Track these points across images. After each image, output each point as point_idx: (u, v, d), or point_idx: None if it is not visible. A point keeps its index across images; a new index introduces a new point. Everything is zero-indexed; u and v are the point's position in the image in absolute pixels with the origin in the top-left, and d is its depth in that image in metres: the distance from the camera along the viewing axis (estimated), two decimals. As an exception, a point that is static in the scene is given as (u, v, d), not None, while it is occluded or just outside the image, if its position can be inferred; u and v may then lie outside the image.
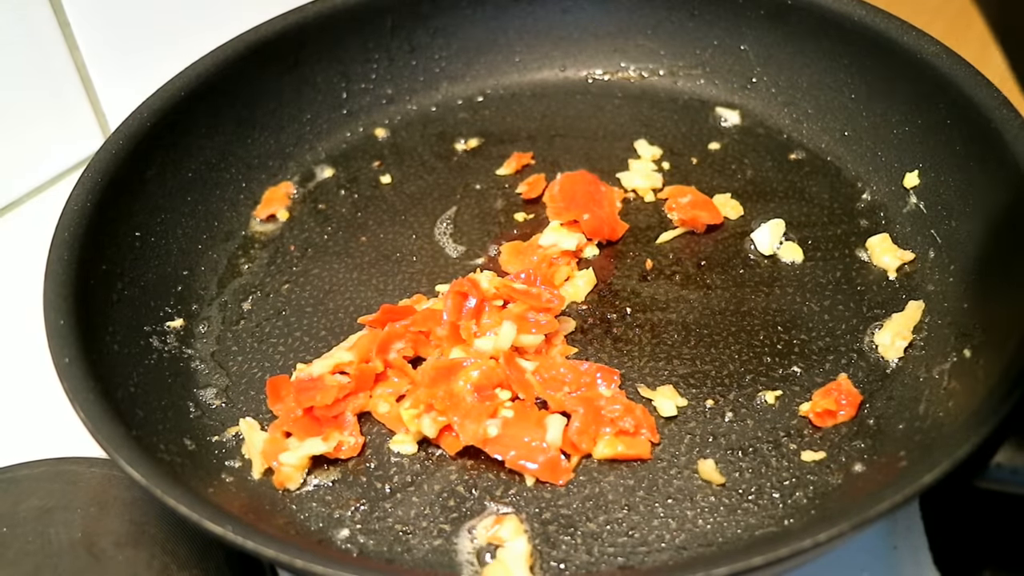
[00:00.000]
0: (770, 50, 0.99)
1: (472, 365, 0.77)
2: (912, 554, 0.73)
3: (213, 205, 0.93)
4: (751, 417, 0.76)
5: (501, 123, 1.02)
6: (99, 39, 1.03)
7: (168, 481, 0.64)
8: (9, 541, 0.72)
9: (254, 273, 0.90)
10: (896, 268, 0.85)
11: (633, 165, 0.96)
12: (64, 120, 1.04)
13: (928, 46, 0.87)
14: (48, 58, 1.00)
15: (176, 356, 0.82)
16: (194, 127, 0.92)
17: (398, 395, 0.78)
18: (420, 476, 0.75)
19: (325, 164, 0.99)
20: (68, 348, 0.71)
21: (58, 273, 0.75)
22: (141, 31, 1.05)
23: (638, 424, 0.75)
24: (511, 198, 0.95)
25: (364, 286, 0.88)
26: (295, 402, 0.76)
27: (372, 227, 0.93)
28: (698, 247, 0.89)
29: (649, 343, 0.82)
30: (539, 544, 0.70)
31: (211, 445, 0.77)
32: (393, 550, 0.70)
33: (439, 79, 1.05)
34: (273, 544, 0.60)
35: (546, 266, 0.86)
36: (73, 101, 1.04)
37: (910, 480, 0.60)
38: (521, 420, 0.75)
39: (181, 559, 0.72)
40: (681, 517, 0.71)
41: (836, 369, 0.79)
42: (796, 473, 0.73)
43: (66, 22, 1.00)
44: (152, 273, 0.85)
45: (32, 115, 1.02)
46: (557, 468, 0.73)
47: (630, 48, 1.06)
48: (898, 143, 0.90)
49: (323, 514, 0.73)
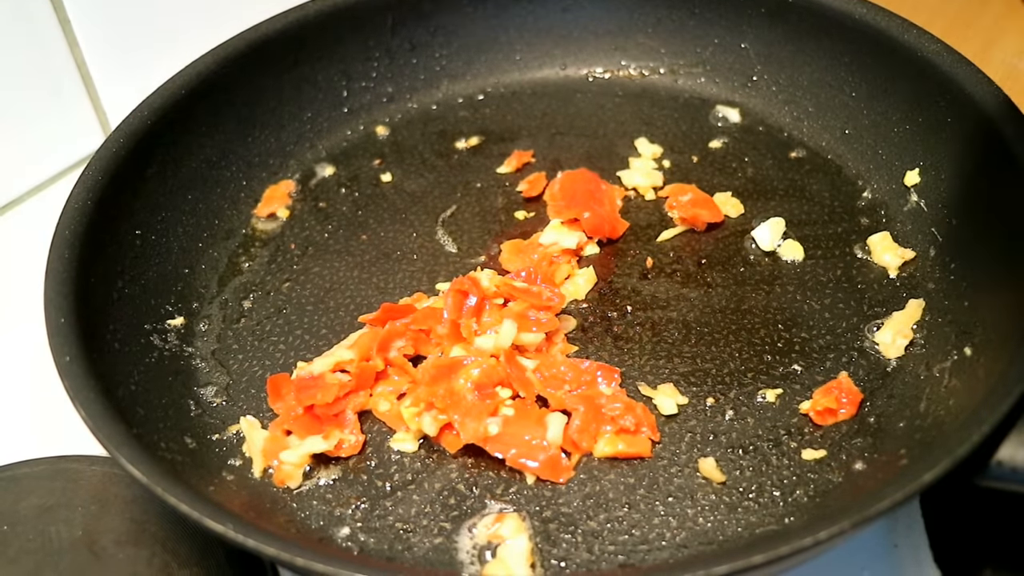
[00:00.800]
0: (771, 48, 0.99)
1: (473, 363, 0.77)
2: (913, 552, 0.73)
3: (214, 203, 0.93)
4: (752, 415, 0.76)
5: (502, 121, 1.02)
6: (100, 37, 1.03)
7: (169, 479, 0.64)
8: (10, 539, 0.72)
9: (255, 271, 0.90)
10: (897, 266, 0.85)
11: (634, 163, 0.96)
12: (64, 118, 1.04)
13: (929, 44, 0.87)
14: (48, 56, 1.00)
15: (177, 354, 0.82)
16: (195, 125, 0.92)
17: (399, 393, 0.78)
18: (421, 474, 0.75)
19: (326, 162, 0.99)
20: (69, 346, 0.71)
21: (59, 271, 0.75)
22: (142, 29, 1.05)
23: (639, 422, 0.75)
24: (512, 196, 0.95)
25: (365, 284, 0.88)
26: (296, 400, 0.76)
27: (373, 225, 0.93)
28: (699, 245, 0.89)
29: (650, 341, 0.82)
30: (540, 542, 0.70)
31: (212, 443, 0.77)
32: (394, 548, 0.71)
33: (440, 77, 1.05)
34: (274, 542, 0.60)
35: (547, 264, 0.86)
36: (74, 99, 1.04)
37: (911, 478, 0.60)
38: (522, 418, 0.75)
39: (182, 557, 0.72)
40: (682, 515, 0.71)
41: (837, 367, 0.79)
42: (797, 471, 0.73)
43: (66, 20, 1.00)
44: (153, 271, 0.85)
45: (33, 113, 1.02)
46: (558, 466, 0.73)
47: (631, 46, 1.06)
48: (899, 141, 0.90)
49: (324, 512, 0.73)
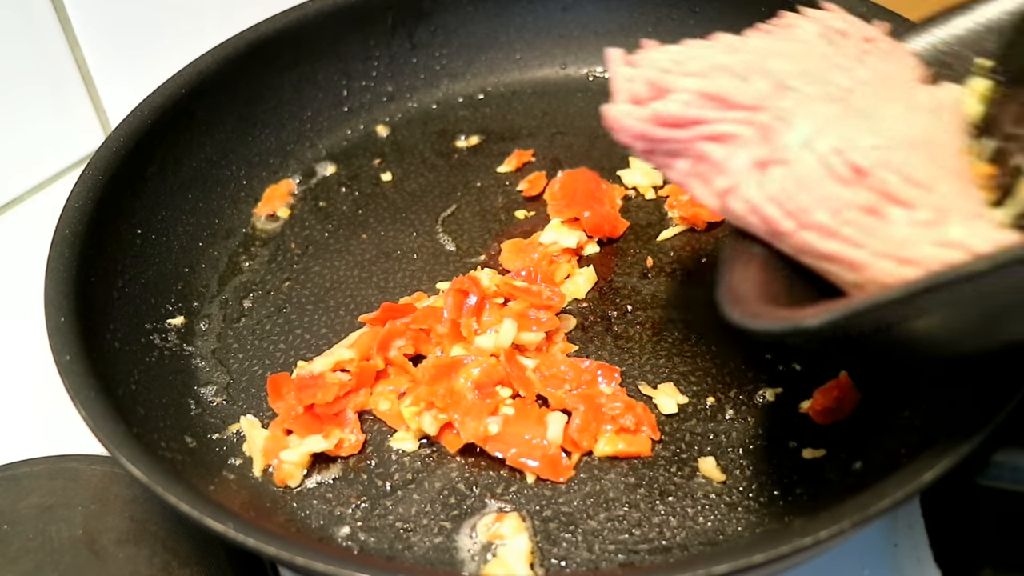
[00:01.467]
0: (771, 47, 0.99)
1: (473, 363, 0.77)
2: (913, 552, 0.73)
3: (214, 202, 0.93)
4: (752, 414, 0.76)
5: (502, 121, 1.02)
6: (100, 36, 1.03)
7: (169, 478, 0.64)
8: (10, 539, 0.72)
9: (255, 271, 0.90)
10: (897, 266, 0.85)
11: (634, 163, 0.96)
12: (65, 117, 1.04)
13: (929, 43, 0.87)
14: (49, 55, 1.00)
15: (177, 353, 0.82)
16: (195, 124, 0.92)
17: (399, 392, 0.78)
18: (421, 473, 0.75)
19: (326, 161, 0.99)
20: (69, 345, 0.71)
21: (59, 270, 0.75)
22: (142, 28, 1.05)
23: (639, 421, 0.75)
24: (512, 196, 0.95)
25: (365, 283, 0.88)
26: (296, 399, 0.76)
27: (373, 224, 0.93)
28: (699, 244, 0.89)
29: (650, 340, 0.82)
30: (540, 541, 0.70)
31: (212, 443, 0.77)
32: (394, 547, 0.71)
33: (440, 76, 1.05)
34: (274, 542, 0.60)
35: (547, 264, 0.86)
36: (74, 98, 1.04)
37: (911, 478, 0.60)
38: (522, 418, 0.75)
39: (182, 556, 0.72)
40: (682, 515, 0.71)
41: (837, 366, 0.79)
42: (797, 470, 0.72)
43: (67, 19, 1.00)
44: (153, 270, 0.85)
45: (33, 112, 1.02)
46: (558, 465, 0.73)
47: (631, 45, 1.04)
48: (899, 140, 0.90)
49: (324, 511, 0.73)
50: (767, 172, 0.57)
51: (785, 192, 0.56)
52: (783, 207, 0.56)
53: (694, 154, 0.61)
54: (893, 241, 0.54)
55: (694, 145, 0.60)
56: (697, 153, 0.60)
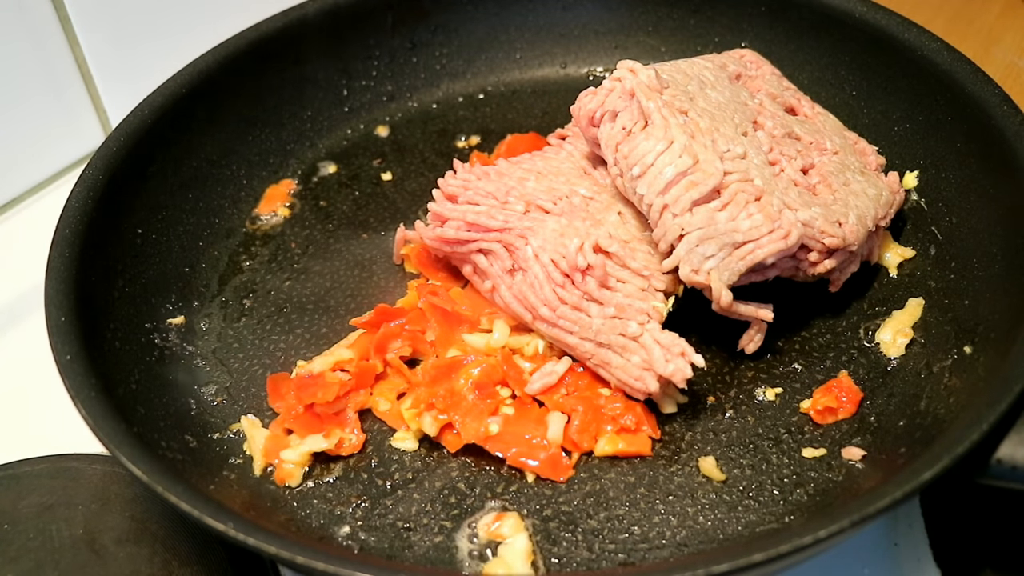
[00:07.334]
0: (771, 47, 0.99)
1: (472, 363, 0.77)
2: (913, 551, 0.73)
3: (214, 202, 0.93)
4: (752, 414, 0.76)
5: (502, 120, 1.02)
6: (100, 36, 1.03)
7: (169, 478, 0.64)
8: (11, 538, 0.72)
9: (255, 270, 0.90)
10: (897, 265, 0.85)
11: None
12: (65, 117, 1.04)
13: (929, 43, 0.87)
14: (49, 55, 1.00)
15: (177, 353, 0.82)
16: (195, 124, 0.92)
17: (399, 392, 0.78)
18: (421, 473, 0.75)
19: (326, 161, 0.99)
20: (69, 345, 0.71)
21: (59, 270, 0.75)
22: (142, 28, 1.05)
23: (639, 421, 0.75)
24: (512, 195, 0.95)
25: (365, 283, 0.88)
26: (296, 399, 0.76)
27: (373, 224, 0.93)
28: (699, 244, 0.89)
29: (650, 340, 0.82)
30: (540, 541, 0.70)
31: (212, 442, 0.77)
32: (394, 547, 0.71)
33: (440, 76, 1.05)
34: (274, 541, 0.60)
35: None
36: (74, 98, 1.04)
37: (911, 477, 0.60)
38: (522, 417, 0.75)
39: (182, 556, 0.72)
40: (682, 514, 0.71)
41: (837, 366, 0.79)
42: (797, 470, 0.73)
43: (67, 18, 1.00)
44: (153, 270, 0.85)
45: (33, 112, 1.02)
46: (558, 465, 0.73)
47: (631, 45, 1.06)
48: (899, 140, 0.90)
49: (324, 511, 0.73)
50: (514, 277, 0.78)
51: (522, 293, 0.78)
52: (523, 303, 0.78)
53: (471, 262, 0.82)
54: (591, 330, 0.75)
55: (470, 256, 0.81)
56: (472, 262, 0.81)
